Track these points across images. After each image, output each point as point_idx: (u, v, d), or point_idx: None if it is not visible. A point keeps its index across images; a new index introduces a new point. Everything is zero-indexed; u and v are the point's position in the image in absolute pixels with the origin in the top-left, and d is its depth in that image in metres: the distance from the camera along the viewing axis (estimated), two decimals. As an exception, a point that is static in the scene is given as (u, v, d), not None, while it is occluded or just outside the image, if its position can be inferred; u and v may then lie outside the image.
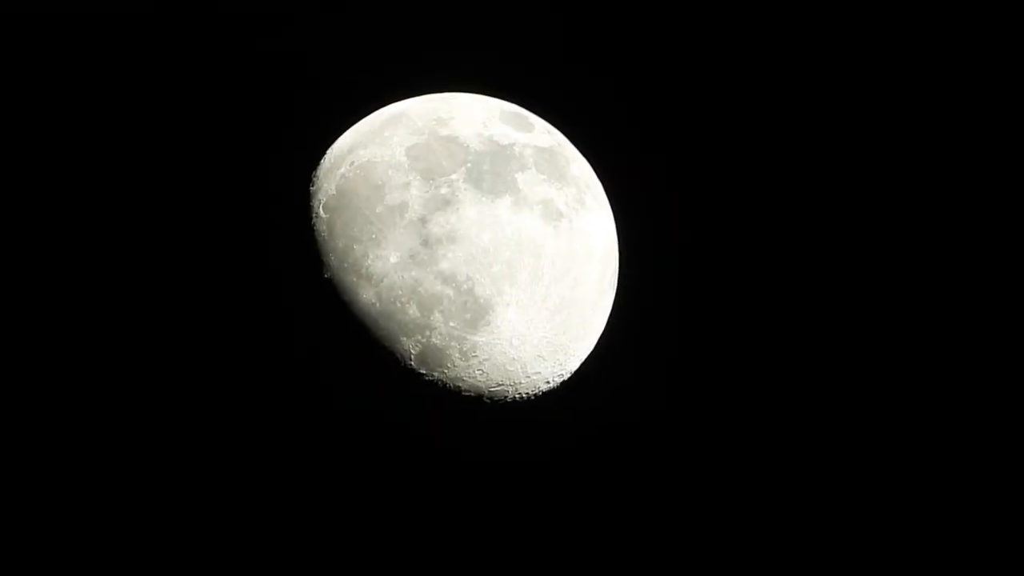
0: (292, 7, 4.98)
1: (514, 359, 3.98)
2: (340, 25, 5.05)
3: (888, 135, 5.03)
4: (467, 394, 4.03)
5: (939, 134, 5.04)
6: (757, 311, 4.98)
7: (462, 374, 3.96)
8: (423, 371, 3.94)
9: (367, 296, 3.87)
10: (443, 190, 3.88)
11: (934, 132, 5.01)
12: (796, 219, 5.03)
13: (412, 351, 3.89)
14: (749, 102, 5.11)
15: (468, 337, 3.87)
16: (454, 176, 3.91)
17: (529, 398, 4.20)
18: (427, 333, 3.86)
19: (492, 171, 3.97)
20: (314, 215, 4.07)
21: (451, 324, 3.85)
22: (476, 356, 3.92)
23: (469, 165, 3.95)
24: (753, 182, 5.10)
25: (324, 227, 4.01)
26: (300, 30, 4.98)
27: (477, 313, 3.86)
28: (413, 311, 3.83)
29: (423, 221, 3.83)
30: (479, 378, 3.99)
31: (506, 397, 4.12)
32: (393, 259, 3.83)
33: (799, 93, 5.07)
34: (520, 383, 4.09)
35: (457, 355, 3.90)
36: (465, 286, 3.82)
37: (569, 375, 4.32)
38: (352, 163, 4.06)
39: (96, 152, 4.81)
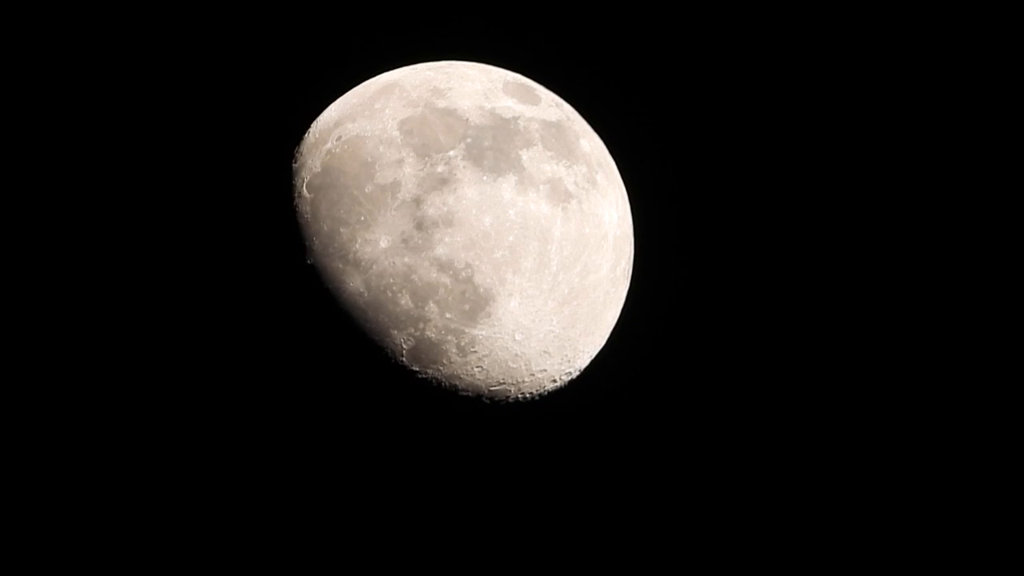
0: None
1: (517, 355, 4.04)
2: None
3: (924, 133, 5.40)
4: (465, 394, 4.10)
5: (940, 135, 5.39)
6: (781, 304, 5.22)
7: (459, 371, 4.03)
8: (416, 368, 4.01)
9: (354, 284, 3.94)
10: (440, 168, 3.94)
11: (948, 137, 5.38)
12: (825, 204, 5.34)
13: (404, 346, 3.97)
14: (772, 71, 5.38)
15: (466, 330, 3.94)
16: (452, 153, 3.97)
17: (533, 399, 4.28)
18: (421, 326, 3.93)
19: (494, 147, 4.02)
20: (297, 195, 4.12)
21: (448, 316, 3.92)
22: (475, 351, 3.99)
23: (469, 141, 4.01)
24: (780, 160, 5.39)
25: (307, 208, 4.07)
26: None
27: (477, 304, 3.92)
28: (405, 301, 3.90)
29: (417, 202, 3.90)
30: (478, 376, 4.06)
31: (508, 397, 4.19)
32: (384, 244, 3.89)
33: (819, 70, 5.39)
34: (524, 382, 4.16)
35: (454, 350, 3.97)
36: (464, 274, 3.89)
37: (578, 373, 4.38)
38: (339, 138, 4.11)
39: (54, 129, 4.99)
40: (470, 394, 4.13)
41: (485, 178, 3.95)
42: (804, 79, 5.41)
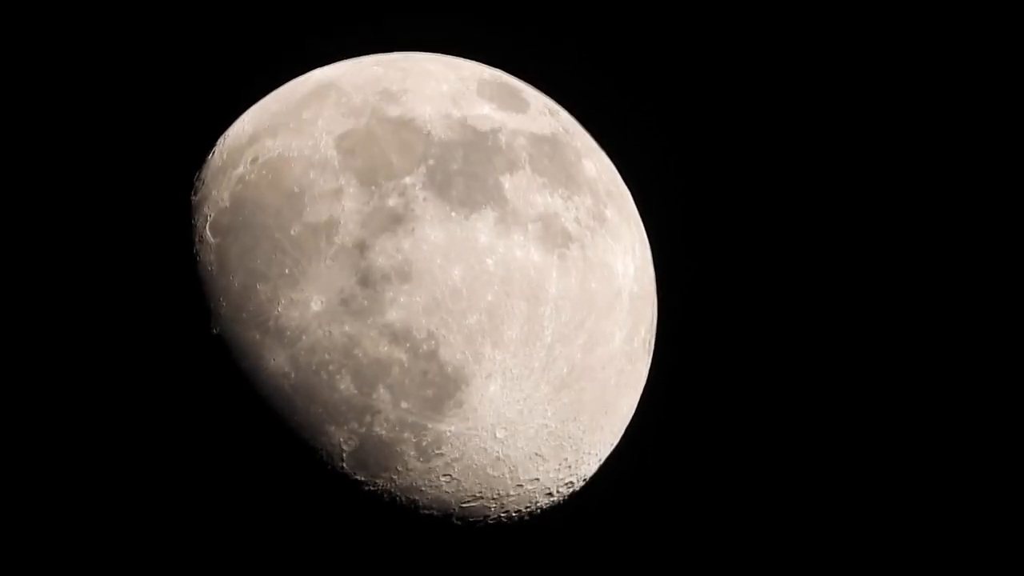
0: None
1: (499, 459, 3.81)
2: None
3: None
4: (428, 512, 3.89)
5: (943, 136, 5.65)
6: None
7: (420, 482, 3.80)
8: (361, 477, 3.77)
9: (277, 363, 3.64)
10: (392, 201, 3.64)
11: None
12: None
13: (345, 446, 3.72)
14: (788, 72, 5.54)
15: (430, 426, 3.67)
16: (408, 180, 3.67)
17: (521, 518, 4.10)
18: (367, 419, 3.65)
19: (466, 172, 3.75)
20: (197, 239, 3.88)
21: (404, 406, 3.63)
22: (442, 454, 3.74)
23: (431, 163, 3.72)
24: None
25: (211, 257, 3.81)
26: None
27: (443, 389, 3.64)
28: (346, 386, 3.61)
29: (361, 248, 3.59)
30: (446, 488, 3.83)
31: (487, 517, 3.99)
32: (316, 306, 3.60)
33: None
34: (508, 496, 3.94)
35: (413, 453, 3.71)
36: (425, 347, 3.57)
37: (582, 484, 4.27)
38: (255, 160, 3.86)
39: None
40: (435, 512, 3.90)
41: (453, 214, 3.66)
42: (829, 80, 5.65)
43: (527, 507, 4.07)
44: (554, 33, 5.03)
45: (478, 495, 3.88)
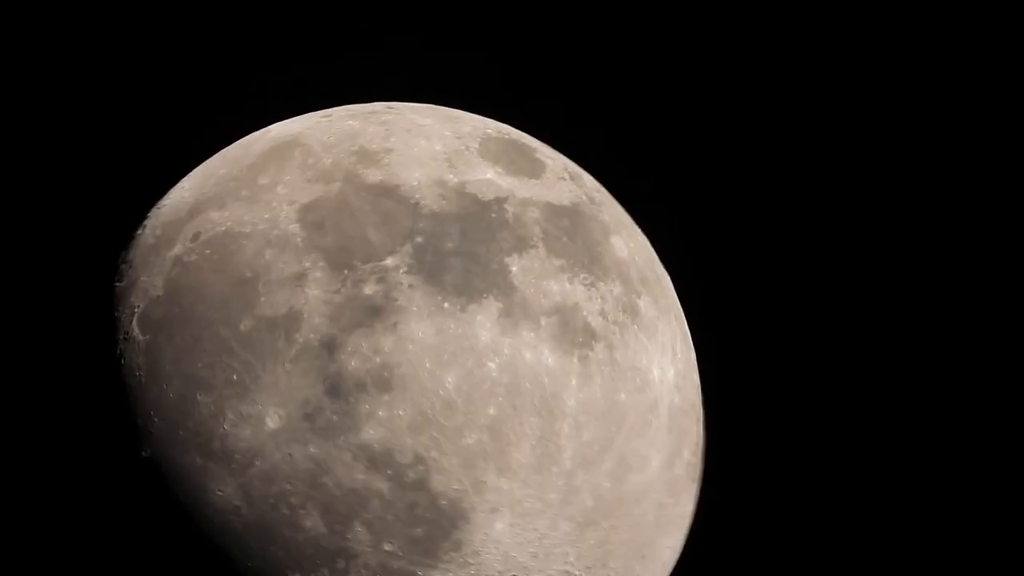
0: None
1: None
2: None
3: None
4: None
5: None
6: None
7: None
8: None
9: (224, 494, 3.25)
10: (369, 288, 3.27)
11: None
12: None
13: None
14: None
15: (420, 573, 3.30)
16: (390, 261, 3.31)
17: None
18: (341, 565, 3.27)
19: (463, 252, 3.40)
20: (121, 337, 3.51)
21: (387, 548, 3.24)
22: None
23: (419, 240, 3.37)
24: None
25: (140, 360, 3.43)
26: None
27: (436, 527, 3.25)
28: (313, 523, 3.21)
29: (330, 348, 3.22)
30: None
31: None
32: (273, 423, 3.22)
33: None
34: None
35: None
36: (412, 475, 3.20)
37: None
38: (196, 236, 3.51)
39: None
40: None
41: (447, 305, 3.29)
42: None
43: None
44: (579, 81, 4.72)
45: (482, 668, 3.63)
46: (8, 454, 4.04)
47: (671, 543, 3.88)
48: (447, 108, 4.04)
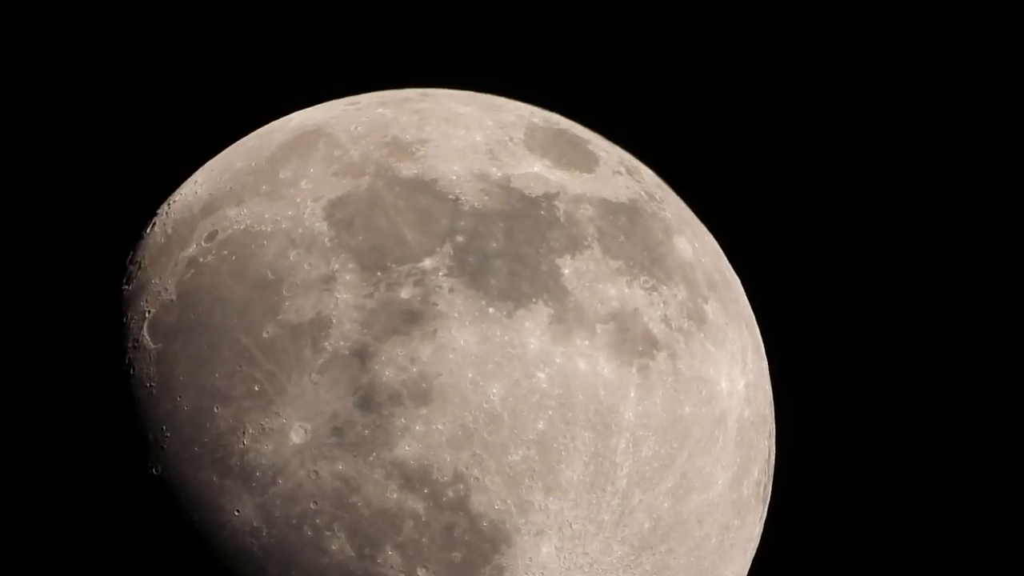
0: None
1: None
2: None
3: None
4: None
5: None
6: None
7: None
8: None
9: (243, 514, 3.14)
10: (405, 292, 3.14)
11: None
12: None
13: None
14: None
15: None
16: (428, 263, 3.18)
17: None
18: None
19: (509, 253, 3.26)
20: (131, 345, 3.40)
21: (421, 573, 3.11)
22: None
23: (460, 240, 3.24)
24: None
25: (152, 370, 3.32)
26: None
27: (477, 552, 3.13)
28: (340, 546, 3.08)
29: (362, 357, 3.08)
30: None
31: None
32: (297, 437, 3.11)
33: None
34: None
35: None
36: (451, 494, 3.07)
37: None
38: (212, 235, 3.39)
39: None
40: None
41: (492, 311, 3.15)
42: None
43: None
44: (638, 64, 4.58)
45: None
46: (8, 471, 3.88)
47: (735, 569, 3.78)
48: (488, 95, 3.90)
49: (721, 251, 3.95)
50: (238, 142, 3.81)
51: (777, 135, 5.54)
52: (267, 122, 3.84)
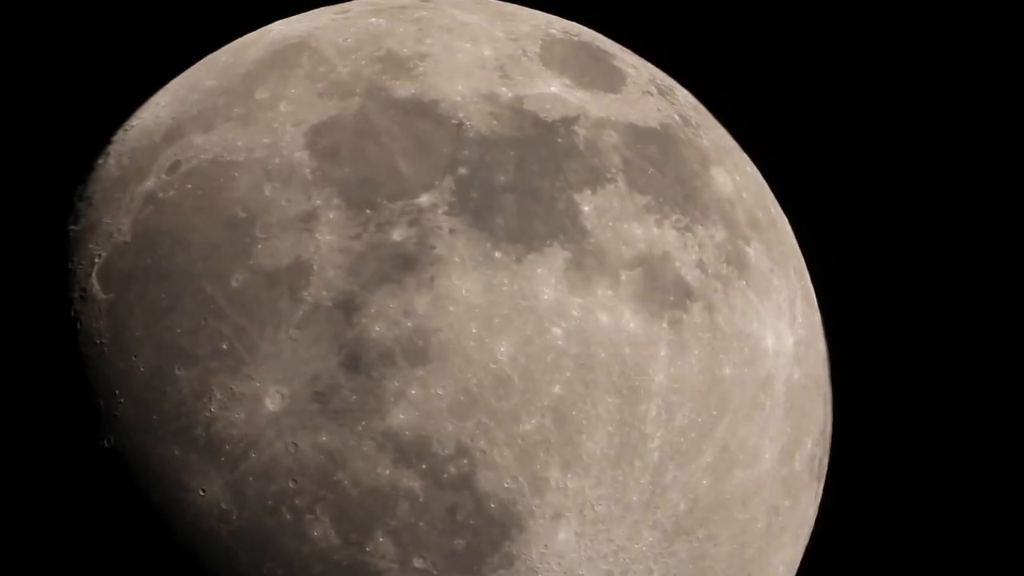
0: None
1: None
2: None
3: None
4: None
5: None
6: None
7: None
8: None
9: (209, 494, 2.86)
10: (398, 234, 2.86)
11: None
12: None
13: None
14: None
15: None
16: (425, 199, 2.89)
17: None
18: None
19: (520, 187, 2.98)
20: (77, 294, 3.10)
21: (416, 564, 2.84)
22: None
23: (463, 172, 2.94)
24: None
25: (102, 324, 3.03)
26: None
27: (483, 537, 2.85)
28: (323, 531, 2.81)
29: (347, 309, 2.81)
30: None
31: None
32: (273, 404, 2.83)
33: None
34: None
35: None
36: (453, 470, 2.80)
37: None
38: (175, 166, 3.09)
39: None
40: None
41: (499, 255, 2.87)
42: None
43: None
44: None
45: None
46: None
47: (786, 558, 3.49)
48: (499, 1, 3.67)
49: (766, 185, 3.65)
50: (207, 57, 3.53)
51: (840, 53, 5.30)
52: (242, 34, 3.56)
